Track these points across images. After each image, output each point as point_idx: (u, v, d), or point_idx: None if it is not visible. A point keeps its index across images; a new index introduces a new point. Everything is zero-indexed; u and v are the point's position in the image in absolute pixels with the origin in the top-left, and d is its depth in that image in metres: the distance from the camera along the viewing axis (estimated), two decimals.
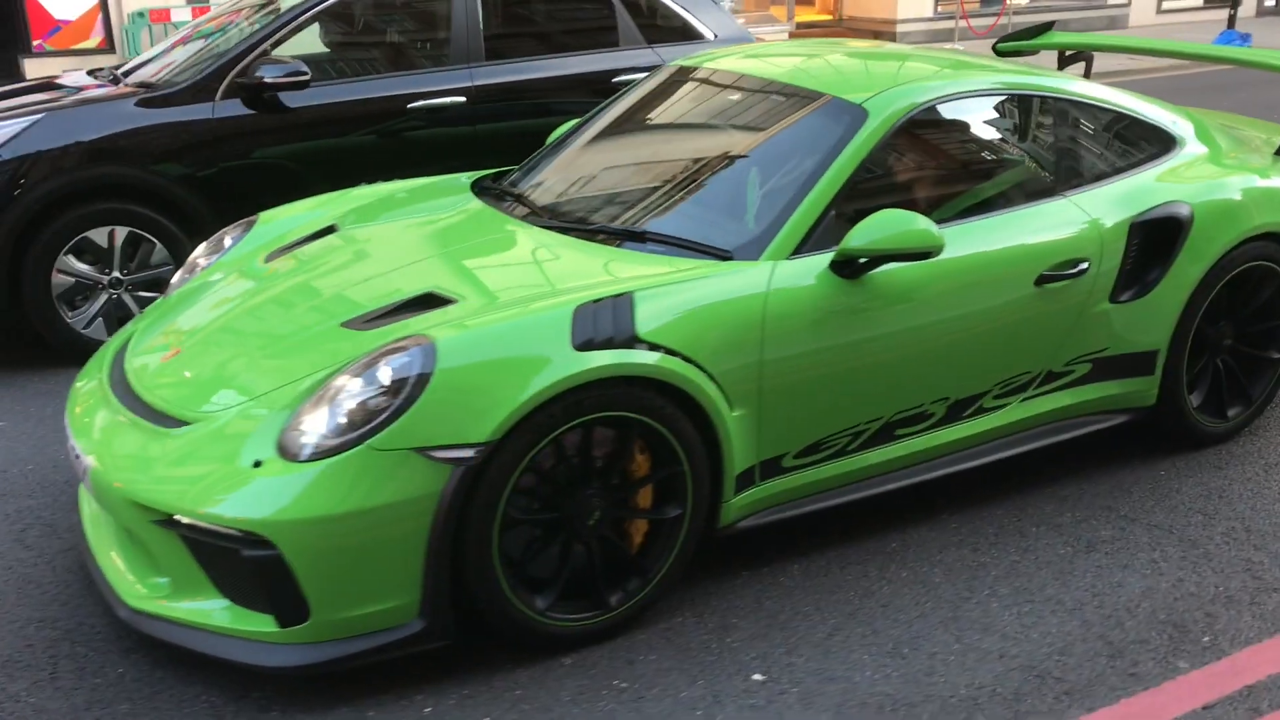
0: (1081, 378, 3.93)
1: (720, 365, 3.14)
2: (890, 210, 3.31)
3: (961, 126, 3.92)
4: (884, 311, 3.42)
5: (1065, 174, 3.92)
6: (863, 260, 3.31)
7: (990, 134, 4.03)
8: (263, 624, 2.84)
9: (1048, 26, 5.64)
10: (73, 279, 4.96)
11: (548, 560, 3.07)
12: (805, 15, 19.00)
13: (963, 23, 17.36)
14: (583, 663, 3.07)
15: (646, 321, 3.04)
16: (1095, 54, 5.59)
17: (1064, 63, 5.57)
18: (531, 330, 2.93)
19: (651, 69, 5.31)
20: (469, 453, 2.79)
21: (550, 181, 4.00)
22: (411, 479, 2.77)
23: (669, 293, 3.13)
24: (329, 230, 3.90)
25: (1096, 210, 3.85)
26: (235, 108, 5.18)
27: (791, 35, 17.38)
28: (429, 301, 3.21)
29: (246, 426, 2.94)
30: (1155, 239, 3.93)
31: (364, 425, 2.79)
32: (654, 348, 3.01)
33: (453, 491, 2.79)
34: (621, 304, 3.04)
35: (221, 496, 2.80)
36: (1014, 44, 5.65)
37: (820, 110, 3.68)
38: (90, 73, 5.79)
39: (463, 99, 5.59)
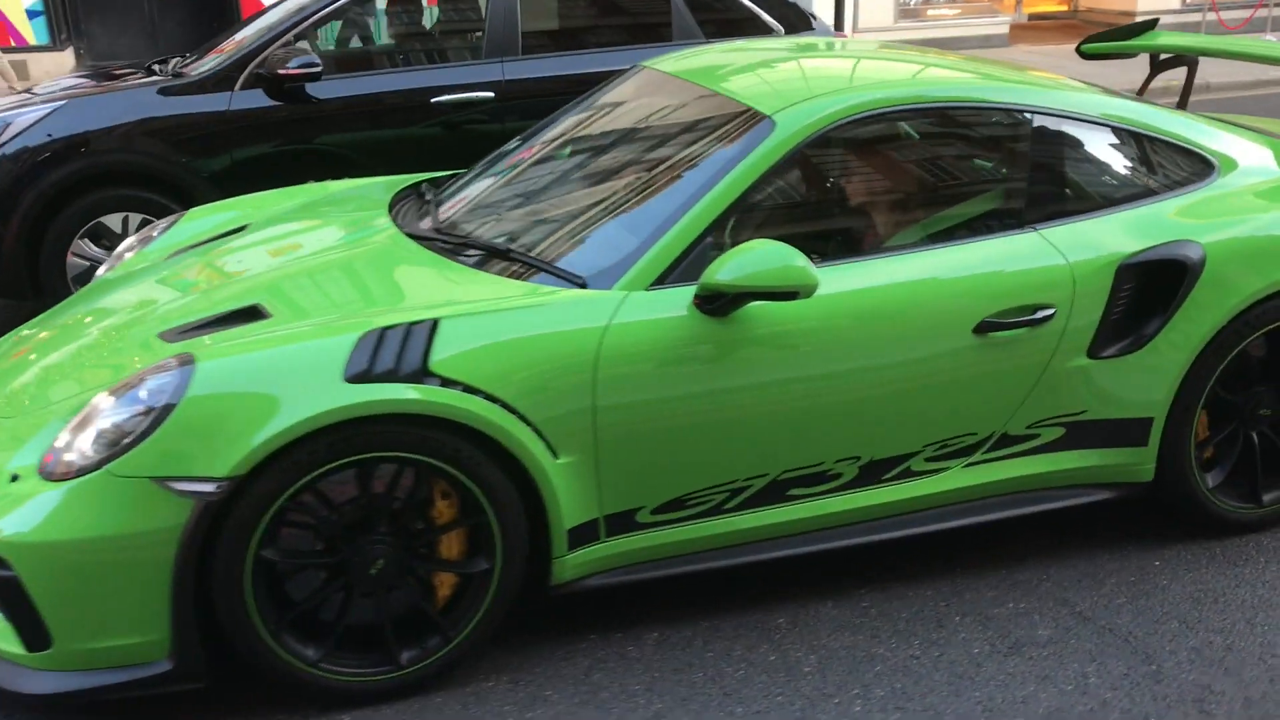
0: (1051, 443, 3.32)
1: (538, 407, 2.78)
2: (762, 241, 2.86)
3: (902, 144, 3.38)
4: (764, 357, 2.97)
5: (1039, 203, 3.30)
6: (729, 296, 2.88)
7: (941, 153, 3.46)
8: (17, 645, 2.72)
9: (1150, 24, 4.88)
10: (88, 262, 5.07)
11: (334, 607, 2.81)
12: (1039, 6, 17.83)
13: (1212, 15, 15.78)
14: None
15: (444, 353, 2.72)
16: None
17: (1157, 69, 4.81)
18: (300, 358, 2.67)
19: None
20: (209, 487, 2.56)
21: (465, 192, 3.71)
22: (151, 509, 2.57)
23: (482, 322, 2.80)
24: (240, 230, 3.76)
25: (1073, 247, 3.23)
26: (255, 98, 5.15)
27: (1016, 28, 16.31)
28: (250, 315, 3.00)
29: (23, 436, 2.82)
30: (1154, 284, 3.27)
31: (113, 448, 2.61)
32: (448, 383, 2.70)
33: (193, 527, 2.57)
34: (419, 332, 2.73)
35: None
36: (1103, 45, 4.92)
37: (732, 122, 3.24)
38: (152, 64, 5.89)
39: (491, 94, 5.36)
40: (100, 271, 3.90)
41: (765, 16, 5.77)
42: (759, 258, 2.82)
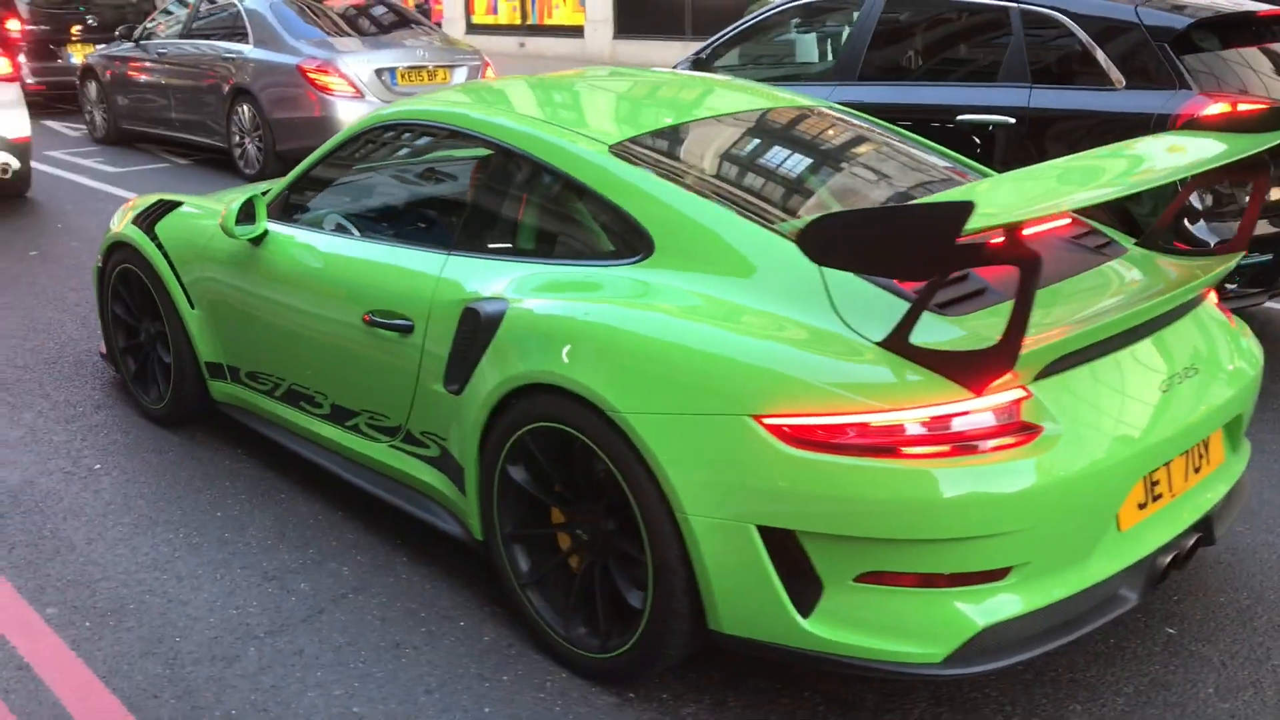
0: (435, 459, 3.44)
1: (184, 266, 4.33)
2: (236, 192, 3.94)
3: (416, 152, 3.78)
4: (262, 273, 3.97)
5: (477, 234, 3.46)
6: None
7: (435, 166, 3.80)
8: None
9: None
10: None
11: None
12: None
13: None
14: None
15: (155, 218, 4.49)
16: None
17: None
18: None
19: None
20: None
21: None
22: None
23: (187, 206, 4.44)
24: None
25: (455, 278, 3.33)
26: None
27: None
28: None
29: None
30: (476, 335, 3.18)
31: None
32: (154, 239, 4.43)
33: None
34: (163, 205, 4.53)
35: None
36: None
37: None
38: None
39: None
40: None
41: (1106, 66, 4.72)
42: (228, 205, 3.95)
